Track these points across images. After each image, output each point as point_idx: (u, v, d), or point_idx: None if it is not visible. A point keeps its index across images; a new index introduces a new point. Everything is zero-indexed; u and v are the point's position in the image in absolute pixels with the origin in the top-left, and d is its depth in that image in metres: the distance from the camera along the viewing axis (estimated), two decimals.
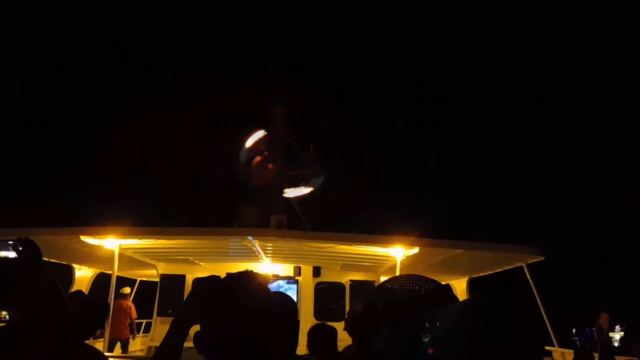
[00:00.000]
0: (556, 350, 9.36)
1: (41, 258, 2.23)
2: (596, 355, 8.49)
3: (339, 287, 11.35)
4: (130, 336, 12.07)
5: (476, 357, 1.25)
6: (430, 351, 1.49)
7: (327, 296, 11.18)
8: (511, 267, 10.24)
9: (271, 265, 10.80)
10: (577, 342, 8.89)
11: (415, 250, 8.33)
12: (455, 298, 1.61)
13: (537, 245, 9.05)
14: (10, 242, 2.17)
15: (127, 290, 12.55)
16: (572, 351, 9.06)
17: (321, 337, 3.92)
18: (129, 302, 12.43)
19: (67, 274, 11.84)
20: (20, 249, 2.17)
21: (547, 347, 9.31)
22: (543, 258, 9.09)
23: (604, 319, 8.97)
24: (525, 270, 9.36)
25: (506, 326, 1.25)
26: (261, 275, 1.48)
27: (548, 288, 9.37)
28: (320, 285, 11.23)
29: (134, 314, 12.28)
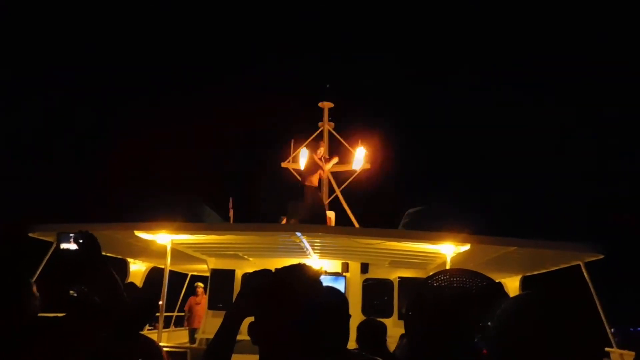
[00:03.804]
0: (615, 352, 9.00)
1: (100, 250, 2.33)
2: None
3: (387, 283, 11.29)
4: None
5: (531, 358, 1.21)
6: (484, 352, 1.46)
7: (375, 293, 11.13)
8: (567, 265, 9.91)
9: (319, 262, 10.84)
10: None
11: (467, 247, 8.17)
12: (507, 297, 1.57)
13: (596, 243, 8.71)
14: (71, 235, 2.28)
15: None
16: (632, 353, 8.67)
17: (371, 331, 3.91)
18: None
19: (123, 267, 12.31)
20: (81, 241, 2.27)
21: (605, 349, 8.96)
22: (603, 256, 8.75)
23: None
24: (583, 268, 9.03)
25: (563, 325, 1.21)
26: (313, 268, 1.49)
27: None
28: (368, 282, 11.20)
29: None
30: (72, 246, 2.26)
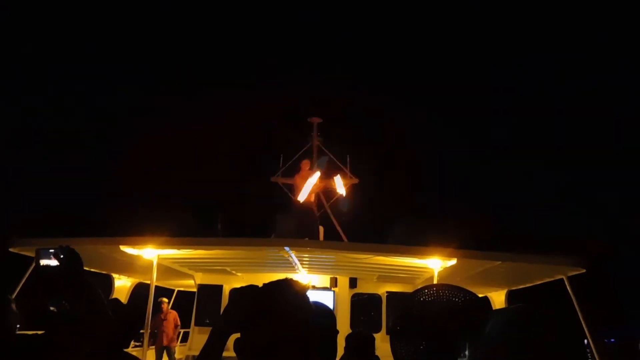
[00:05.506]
0: None
1: (82, 266, 2.27)
2: None
3: (376, 298, 11.28)
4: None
5: None
6: None
7: (364, 308, 11.11)
8: (551, 279, 9.95)
9: (307, 276, 10.80)
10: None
11: (453, 261, 8.19)
12: (492, 312, 1.57)
13: (578, 257, 8.76)
14: (52, 251, 2.21)
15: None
16: None
17: (359, 342, 3.91)
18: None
19: (107, 283, 12.12)
20: (62, 257, 2.21)
21: None
22: (584, 271, 8.79)
23: None
24: (566, 283, 9.07)
25: (548, 339, 1.22)
26: (300, 283, 1.48)
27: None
28: (357, 297, 11.17)
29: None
30: (53, 262, 2.19)
